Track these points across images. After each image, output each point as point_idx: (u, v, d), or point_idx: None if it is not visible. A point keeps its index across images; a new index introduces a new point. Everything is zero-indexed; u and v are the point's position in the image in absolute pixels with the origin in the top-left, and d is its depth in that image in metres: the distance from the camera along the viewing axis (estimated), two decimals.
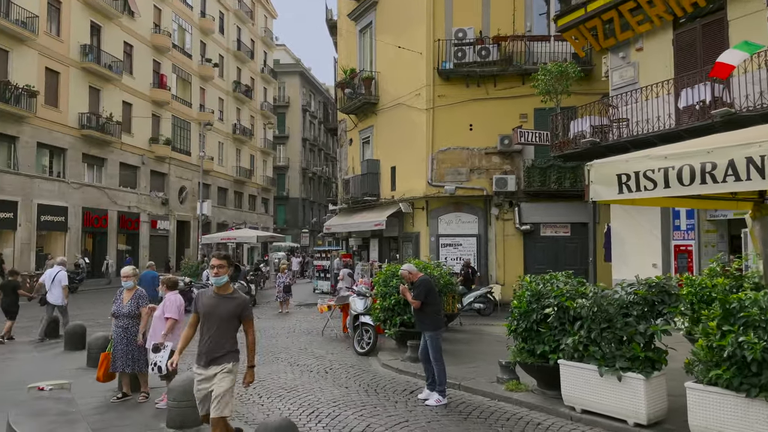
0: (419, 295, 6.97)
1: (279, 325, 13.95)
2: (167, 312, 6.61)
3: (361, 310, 9.88)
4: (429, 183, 18.68)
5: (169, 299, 6.73)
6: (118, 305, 7.06)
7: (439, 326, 7.15)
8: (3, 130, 24.98)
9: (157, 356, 6.41)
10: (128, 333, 6.93)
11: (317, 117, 67.86)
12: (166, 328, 6.50)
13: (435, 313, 7.08)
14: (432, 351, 6.99)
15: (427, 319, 7.00)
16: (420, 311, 7.03)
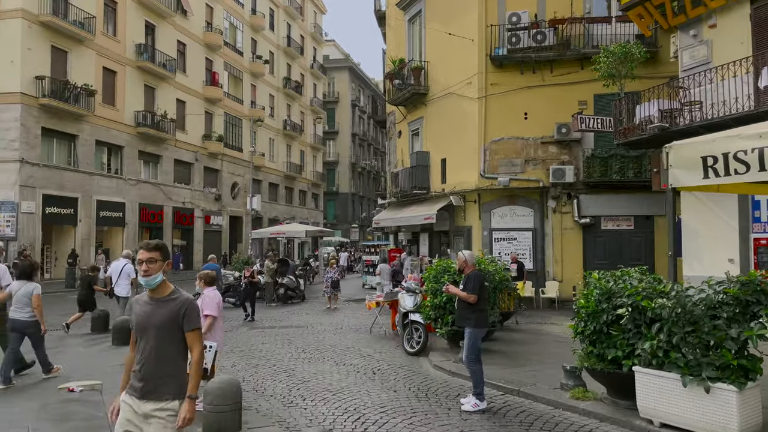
0: (474, 289, 6.43)
1: (326, 321, 13.61)
2: (206, 309, 6.20)
3: (411, 307, 9.36)
4: (481, 175, 17.93)
5: (208, 295, 6.34)
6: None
7: (482, 324, 6.56)
8: (63, 128, 25.77)
9: None
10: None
11: (366, 112, 67.65)
12: (205, 326, 6.10)
13: (480, 310, 6.54)
14: (467, 348, 6.49)
15: (471, 315, 6.49)
16: (465, 305, 6.51)
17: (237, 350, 9.53)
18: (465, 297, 6.44)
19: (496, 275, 9.38)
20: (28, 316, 7.11)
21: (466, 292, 6.44)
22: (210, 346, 6.12)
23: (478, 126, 18.13)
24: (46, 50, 24.78)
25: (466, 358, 6.50)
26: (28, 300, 7.11)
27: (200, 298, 6.34)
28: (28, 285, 7.23)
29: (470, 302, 6.42)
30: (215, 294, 6.41)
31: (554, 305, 16.75)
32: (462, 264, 6.74)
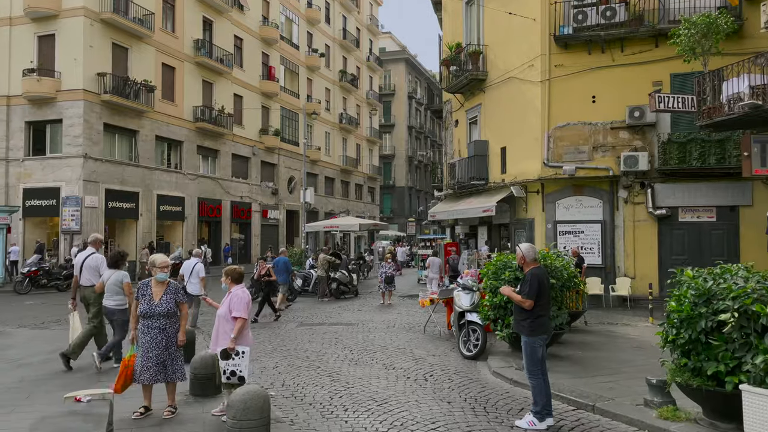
0: (531, 292, 5.53)
1: (378, 318, 12.92)
2: (235, 310, 5.53)
3: (467, 306, 8.50)
4: (544, 164, 16.74)
5: (237, 295, 5.64)
6: (147, 303, 5.72)
7: (538, 332, 5.62)
8: (125, 124, 26.28)
9: (231, 363, 5.46)
10: (165, 335, 5.69)
11: (423, 104, 66.63)
12: (236, 330, 5.48)
13: (538, 315, 5.62)
14: (526, 359, 5.68)
15: (526, 320, 5.62)
16: (520, 309, 5.69)
17: (281, 349, 8.99)
18: (519, 302, 5.60)
19: (563, 271, 8.37)
20: (114, 303, 7.37)
21: (521, 295, 5.59)
22: (243, 351, 5.51)
23: (540, 111, 16.93)
24: (107, 47, 25.28)
25: (526, 370, 5.67)
26: (117, 288, 7.40)
27: (227, 297, 5.70)
28: (117, 273, 7.49)
29: (526, 308, 5.57)
30: (244, 294, 5.72)
31: (626, 304, 15.44)
32: (520, 260, 5.86)
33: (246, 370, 5.45)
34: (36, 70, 24.18)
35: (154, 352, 5.66)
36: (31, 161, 24.88)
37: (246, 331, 5.67)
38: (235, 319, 5.53)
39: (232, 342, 5.46)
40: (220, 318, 5.72)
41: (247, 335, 5.72)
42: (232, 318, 5.57)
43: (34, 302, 15.33)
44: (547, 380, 5.54)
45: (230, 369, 5.44)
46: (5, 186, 24.87)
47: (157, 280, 5.87)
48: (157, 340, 5.69)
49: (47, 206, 24.52)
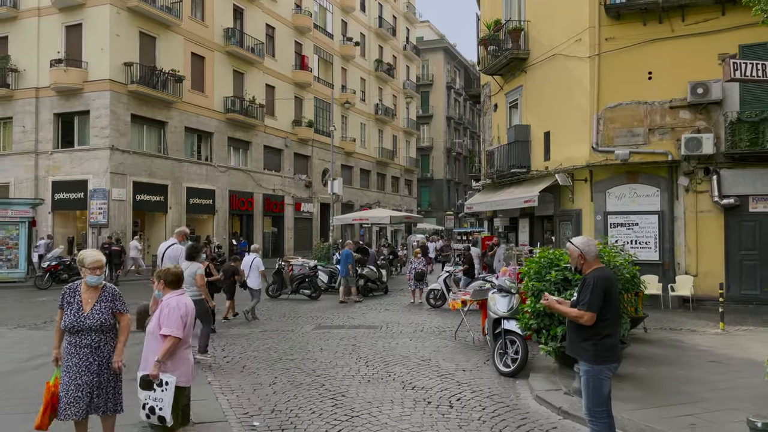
0: (594, 302, 4.05)
1: (405, 320, 11.57)
2: (165, 325, 4.26)
3: (504, 312, 7.07)
4: (593, 149, 15.06)
5: (169, 305, 4.34)
6: (74, 313, 4.37)
7: (609, 357, 4.14)
8: (153, 115, 25.69)
9: (152, 397, 4.15)
10: (99, 356, 4.35)
11: (462, 94, 64.69)
12: (162, 352, 4.20)
13: (605, 334, 4.12)
14: (587, 396, 4.14)
15: (586, 341, 4.11)
16: (577, 327, 4.19)
17: (286, 360, 7.76)
18: (575, 316, 4.09)
19: (624, 270, 6.85)
20: (193, 295, 7.32)
21: (579, 306, 4.11)
22: (167, 382, 4.16)
23: (589, 91, 15.24)
24: (134, 36, 24.69)
25: (586, 410, 4.18)
26: (192, 280, 7.47)
27: (158, 309, 4.42)
28: (192, 265, 7.61)
29: (584, 323, 4.10)
30: (181, 302, 4.39)
31: (687, 305, 13.69)
32: (578, 260, 4.29)
33: (170, 407, 4.10)
34: (63, 61, 23.77)
35: (84, 378, 4.28)
36: (60, 154, 24.56)
37: (181, 354, 4.32)
38: (165, 337, 4.21)
39: (156, 367, 4.15)
40: (148, 335, 4.42)
41: (182, 360, 4.36)
42: (161, 335, 4.26)
43: (49, 298, 14.65)
44: (613, 424, 4.09)
45: (150, 404, 4.14)
46: (35, 179, 24.64)
47: (87, 285, 4.46)
48: (88, 363, 4.31)
49: (75, 199, 24.15)
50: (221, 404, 5.72)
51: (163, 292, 4.44)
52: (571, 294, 5.87)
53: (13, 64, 24.90)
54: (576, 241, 4.32)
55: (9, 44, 25.35)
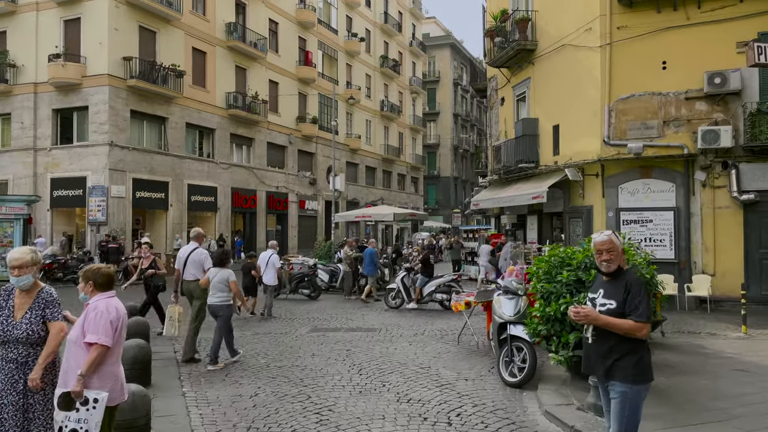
0: (648, 311, 3.38)
1: (406, 323, 10.96)
2: (90, 332, 3.60)
3: (511, 316, 6.45)
4: (605, 142, 14.40)
5: (96, 309, 3.68)
6: (4, 320, 3.80)
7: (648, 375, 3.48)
8: (153, 111, 25.21)
9: (73, 418, 3.47)
10: (26, 373, 3.75)
11: (469, 91, 63.90)
12: (87, 364, 3.54)
13: (646, 348, 3.50)
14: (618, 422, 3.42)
15: (631, 357, 3.41)
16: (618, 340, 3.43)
17: (274, 366, 7.17)
18: (630, 329, 3.33)
19: (642, 271, 6.20)
20: (219, 300, 7.44)
21: (632, 317, 3.35)
22: (95, 399, 3.50)
23: (600, 82, 14.57)
24: (133, 31, 24.21)
25: None
26: (222, 285, 7.47)
27: (83, 313, 3.73)
28: (222, 272, 7.56)
29: (637, 335, 3.38)
30: (108, 306, 3.71)
31: (704, 306, 13.01)
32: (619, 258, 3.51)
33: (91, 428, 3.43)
34: (61, 56, 23.33)
35: (9, 398, 3.68)
36: (59, 150, 24.13)
37: (110, 367, 3.66)
38: (90, 345, 3.57)
39: (80, 382, 3.50)
40: (69, 344, 3.72)
41: (111, 374, 3.69)
42: (85, 344, 3.59)
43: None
44: None
45: (70, 427, 3.46)
46: (33, 176, 24.23)
47: (20, 289, 3.85)
48: (14, 381, 3.72)
49: (74, 196, 23.72)
50: (192, 420, 5.14)
51: (89, 295, 3.78)
52: (584, 297, 5.25)
53: (11, 59, 24.50)
54: (605, 235, 3.60)
55: (7, 39, 24.96)
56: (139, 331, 6.98)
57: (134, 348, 5.55)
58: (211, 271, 7.60)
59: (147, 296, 9.59)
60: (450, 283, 13.41)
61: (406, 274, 13.88)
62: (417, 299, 13.19)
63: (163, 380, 6.05)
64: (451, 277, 13.66)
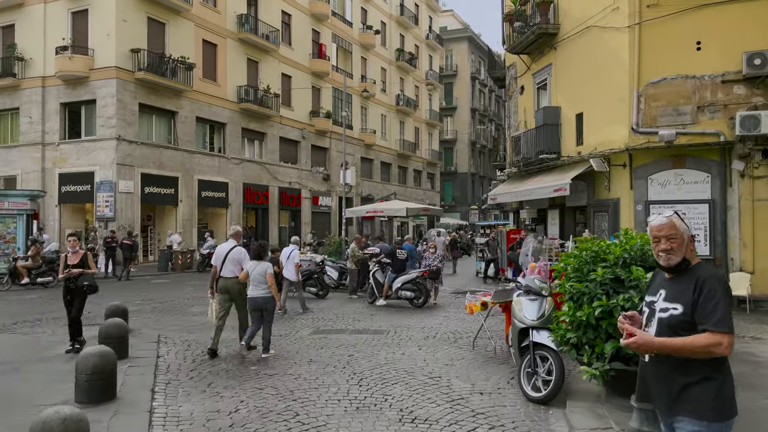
0: (727, 316, 2.42)
1: (417, 324, 10.07)
2: None
3: (533, 320, 5.56)
4: (633, 130, 13.38)
5: None
6: None
7: (732, 407, 2.49)
8: (162, 104, 24.68)
9: None
10: None
11: (487, 85, 62.68)
12: None
13: (727, 370, 2.53)
14: None
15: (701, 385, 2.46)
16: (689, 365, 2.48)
17: (264, 375, 6.33)
18: (707, 346, 2.40)
19: None
20: (262, 293, 7.55)
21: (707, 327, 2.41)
22: None
23: (628, 65, 13.54)
24: (142, 22, 23.67)
25: None
26: (262, 278, 7.54)
27: None
28: (261, 264, 7.66)
29: (715, 352, 2.42)
30: None
31: (743, 306, 11.95)
32: (685, 247, 2.60)
33: None
34: (69, 48, 22.86)
35: None
36: (67, 145, 23.71)
37: None
38: None
39: None
40: None
41: None
42: None
43: (35, 296, 13.57)
44: None
45: None
46: (41, 171, 23.83)
47: None
48: None
49: (82, 192, 23.28)
50: None
51: None
52: (624, 300, 4.34)
53: (19, 52, 24.11)
54: (666, 217, 2.66)
55: (15, 32, 24.58)
56: (110, 334, 6.25)
57: (94, 356, 4.79)
58: (250, 265, 7.67)
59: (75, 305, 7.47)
60: (418, 280, 12.71)
61: (378, 269, 13.33)
62: (386, 295, 12.77)
63: (132, 392, 5.28)
64: (417, 273, 12.92)
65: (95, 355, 4.81)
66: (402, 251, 13.27)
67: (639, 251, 4.58)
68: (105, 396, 4.87)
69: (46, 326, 9.59)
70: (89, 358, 4.79)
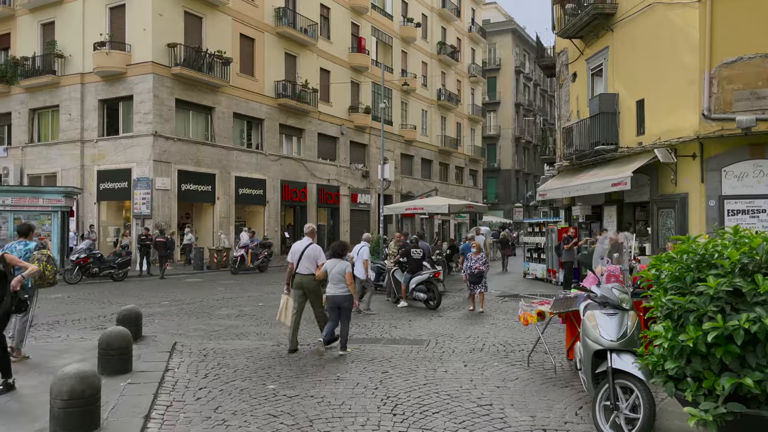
0: None
1: (461, 333, 8.95)
2: None
3: (613, 340, 4.34)
4: (704, 116, 11.94)
5: None
6: None
7: None
8: (199, 100, 24.28)
9: None
10: None
11: (532, 79, 60.65)
12: None
13: None
14: None
15: None
16: None
17: (283, 395, 5.32)
18: None
19: None
20: (343, 291, 7.49)
21: None
22: None
23: (699, 44, 12.12)
24: (178, 16, 23.30)
25: None
26: (341, 277, 7.48)
27: None
28: (340, 263, 7.61)
29: None
30: None
31: None
32: None
33: None
34: (106, 44, 22.67)
35: None
36: (105, 141, 23.56)
37: None
38: None
39: None
40: None
41: None
42: None
43: (63, 295, 13.11)
44: None
45: None
46: (81, 168, 23.76)
47: None
48: None
49: (120, 189, 23.09)
50: None
51: None
52: (752, 322, 3.20)
53: (59, 49, 24.10)
54: None
55: (56, 29, 24.60)
56: (111, 344, 5.40)
57: (72, 379, 3.94)
58: (328, 263, 7.64)
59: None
60: (431, 280, 11.96)
61: (397, 269, 12.72)
62: (404, 296, 12.21)
63: (122, 420, 4.41)
64: (429, 273, 12.06)
65: (73, 378, 3.98)
66: (418, 250, 12.32)
67: (766, 254, 3.41)
68: (85, 426, 4.03)
69: (63, 329, 8.96)
70: (65, 380, 3.96)
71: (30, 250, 6.47)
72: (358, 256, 11.29)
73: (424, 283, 11.95)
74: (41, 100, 24.89)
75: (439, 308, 11.75)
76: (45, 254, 6.40)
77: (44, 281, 6.27)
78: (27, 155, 25.38)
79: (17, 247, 6.54)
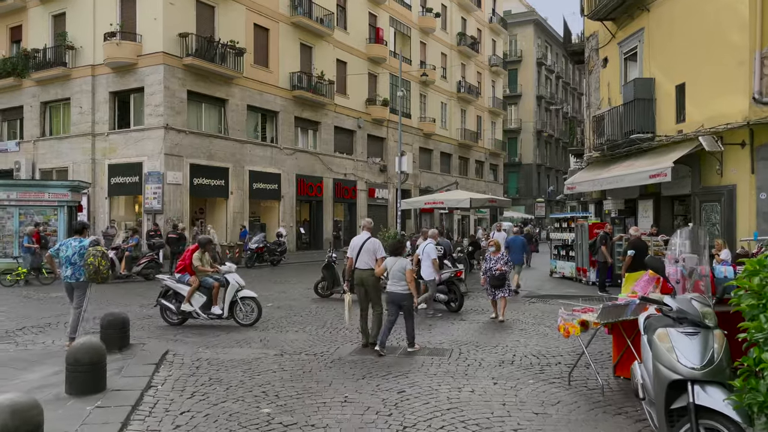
0: None
1: (487, 341, 7.98)
2: None
3: (696, 367, 3.28)
4: (755, 100, 10.83)
5: None
6: None
7: None
8: (211, 92, 23.60)
9: None
10: None
11: (554, 71, 59.12)
12: None
13: None
14: None
15: None
16: None
17: (277, 423, 4.48)
18: None
19: None
20: (403, 289, 7.40)
21: None
22: None
23: (748, 22, 10.99)
24: (190, 5, 22.62)
25: None
26: (402, 275, 7.37)
27: None
28: (401, 261, 7.53)
29: None
30: None
31: None
32: None
33: None
34: (117, 34, 22.06)
35: None
36: (116, 135, 22.99)
37: None
38: None
39: None
40: None
41: None
42: None
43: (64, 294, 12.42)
44: None
45: None
46: (92, 162, 23.22)
47: None
48: None
49: (131, 183, 22.50)
50: None
51: None
52: None
53: (69, 40, 23.57)
54: None
55: (66, 20, 24.08)
56: (80, 360, 4.53)
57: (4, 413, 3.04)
58: (388, 261, 7.60)
59: None
60: (452, 280, 11.06)
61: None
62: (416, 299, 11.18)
63: None
64: (450, 273, 11.17)
65: (5, 411, 3.12)
66: (439, 247, 11.39)
67: None
68: None
69: (53, 333, 8.23)
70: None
71: (84, 246, 7.16)
72: (424, 254, 10.37)
73: (445, 284, 11.00)
74: (52, 93, 24.42)
75: (461, 311, 10.82)
76: (100, 251, 7.15)
77: (98, 276, 7.03)
78: (39, 149, 24.95)
79: (72, 244, 7.25)
